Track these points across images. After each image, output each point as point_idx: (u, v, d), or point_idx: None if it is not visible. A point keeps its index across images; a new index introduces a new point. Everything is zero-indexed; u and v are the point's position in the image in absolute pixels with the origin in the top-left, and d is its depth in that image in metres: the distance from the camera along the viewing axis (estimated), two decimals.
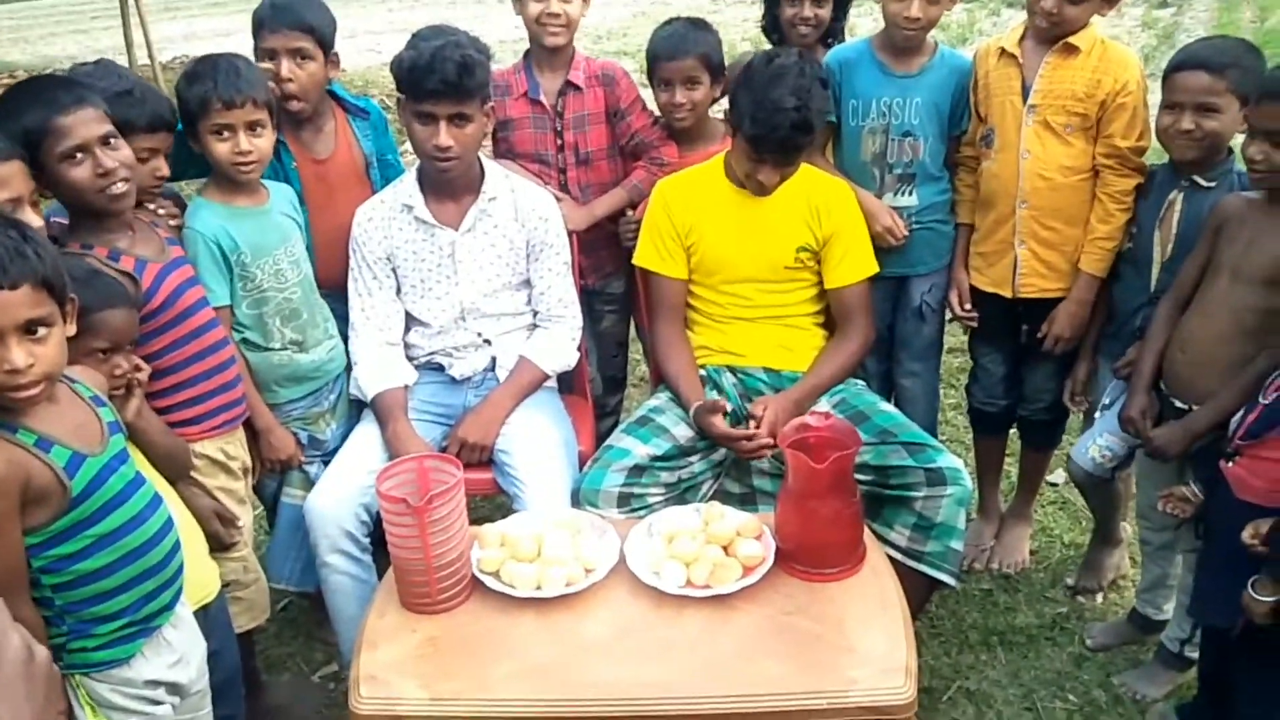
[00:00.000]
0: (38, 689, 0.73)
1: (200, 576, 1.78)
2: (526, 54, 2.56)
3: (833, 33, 2.59)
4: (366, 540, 2.08)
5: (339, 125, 2.35)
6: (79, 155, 1.68)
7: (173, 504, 1.68)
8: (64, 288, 1.37)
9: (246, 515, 2.04)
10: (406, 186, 2.25)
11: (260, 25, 2.19)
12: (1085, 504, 2.76)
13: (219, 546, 1.90)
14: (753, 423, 2.12)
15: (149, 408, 1.74)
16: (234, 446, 2.01)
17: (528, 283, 2.35)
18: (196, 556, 1.76)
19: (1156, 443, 1.99)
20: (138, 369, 1.70)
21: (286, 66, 2.17)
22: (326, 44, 2.24)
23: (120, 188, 1.73)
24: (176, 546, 1.57)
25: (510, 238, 2.28)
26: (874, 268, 2.30)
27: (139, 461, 1.59)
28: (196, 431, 1.91)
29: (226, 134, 1.98)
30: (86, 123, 1.69)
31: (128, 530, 1.47)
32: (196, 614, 1.71)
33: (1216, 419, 1.88)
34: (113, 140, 1.73)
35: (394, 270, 2.28)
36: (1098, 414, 2.32)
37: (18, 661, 0.73)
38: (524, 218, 2.28)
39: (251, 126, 1.99)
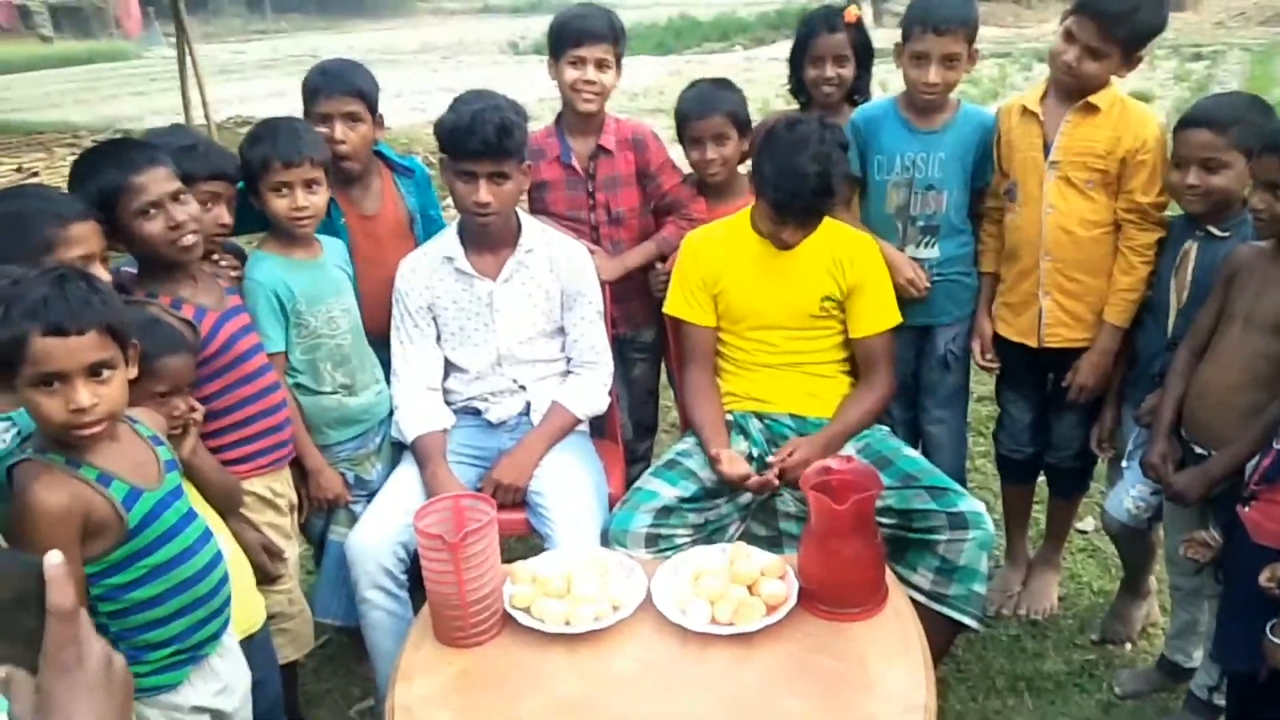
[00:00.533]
0: (116, 691, 0.80)
1: (247, 608, 1.86)
2: (559, 118, 2.68)
3: (858, 90, 2.68)
4: (404, 577, 2.15)
5: (385, 183, 2.48)
6: (152, 211, 1.83)
7: (222, 538, 1.77)
8: (127, 333, 1.48)
9: (292, 550, 2.14)
10: (448, 239, 2.36)
11: (315, 92, 2.34)
12: (1116, 552, 2.77)
13: (265, 579, 1.99)
14: (784, 448, 2.20)
15: (204, 446, 1.85)
16: (281, 484, 2.11)
17: (561, 330, 2.44)
18: (244, 589, 1.85)
19: (1176, 487, 2.02)
20: (193, 410, 1.81)
21: (340, 129, 2.31)
22: (373, 106, 2.38)
23: (190, 239, 1.87)
24: (225, 578, 1.66)
25: (546, 288, 2.37)
26: (897, 318, 2.36)
27: (192, 497, 1.69)
28: (246, 469, 2.02)
29: (285, 191, 2.11)
30: (158, 180, 1.84)
31: (180, 561, 1.56)
32: (242, 644, 1.80)
33: (1233, 464, 1.91)
34: (182, 196, 1.87)
35: (434, 319, 2.39)
36: (1125, 463, 2.35)
37: (99, 667, 0.80)
38: (559, 269, 2.37)
39: (308, 184, 2.12)
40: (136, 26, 26.11)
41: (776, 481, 2.17)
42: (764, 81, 10.61)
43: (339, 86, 2.32)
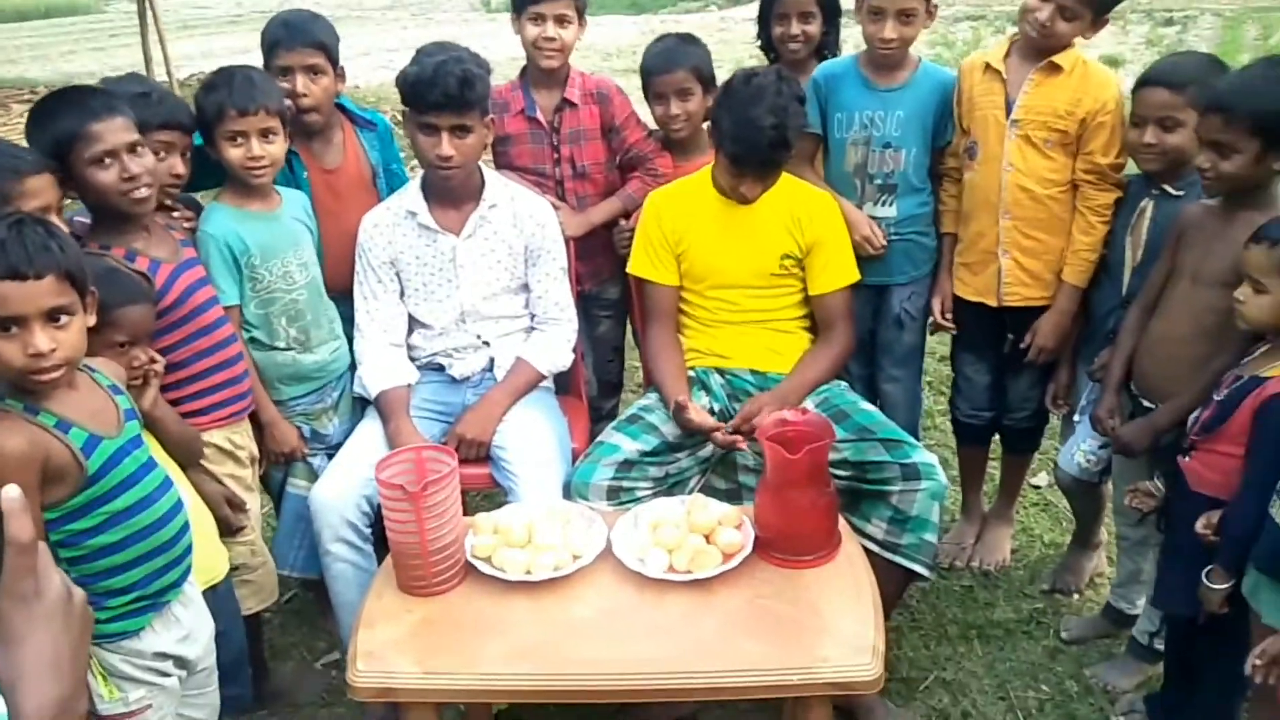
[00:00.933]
0: (74, 624, 0.82)
1: (209, 559, 1.88)
2: (523, 72, 2.68)
3: (826, 46, 2.68)
4: (368, 530, 2.18)
5: (347, 137, 2.47)
6: (107, 160, 1.81)
7: (184, 489, 1.78)
8: (85, 280, 1.48)
9: (254, 503, 2.15)
10: (410, 194, 2.36)
11: (276, 44, 2.31)
12: (1068, 507, 2.84)
13: (227, 531, 2.00)
14: (747, 405, 2.23)
15: (163, 399, 1.85)
16: (241, 436, 2.12)
17: (525, 287, 2.45)
18: (206, 539, 1.86)
19: (1123, 439, 2.08)
20: (153, 361, 1.81)
21: (301, 82, 2.29)
22: (334, 58, 2.37)
23: (143, 192, 1.86)
24: (185, 527, 1.68)
25: (509, 243, 2.38)
26: (855, 276, 2.39)
27: (153, 448, 1.70)
28: (206, 421, 2.02)
29: (240, 140, 2.09)
30: (115, 130, 1.82)
31: (139, 509, 1.57)
32: (205, 594, 1.81)
33: (1177, 416, 1.96)
34: (139, 148, 1.86)
35: (398, 274, 2.39)
36: (1076, 418, 2.40)
37: (59, 599, 0.81)
38: (522, 224, 2.38)
39: (264, 133, 2.10)
40: None
41: (744, 445, 2.19)
42: (739, 41, 10.52)
43: (300, 38, 2.30)
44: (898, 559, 2.13)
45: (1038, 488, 3.03)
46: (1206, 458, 1.80)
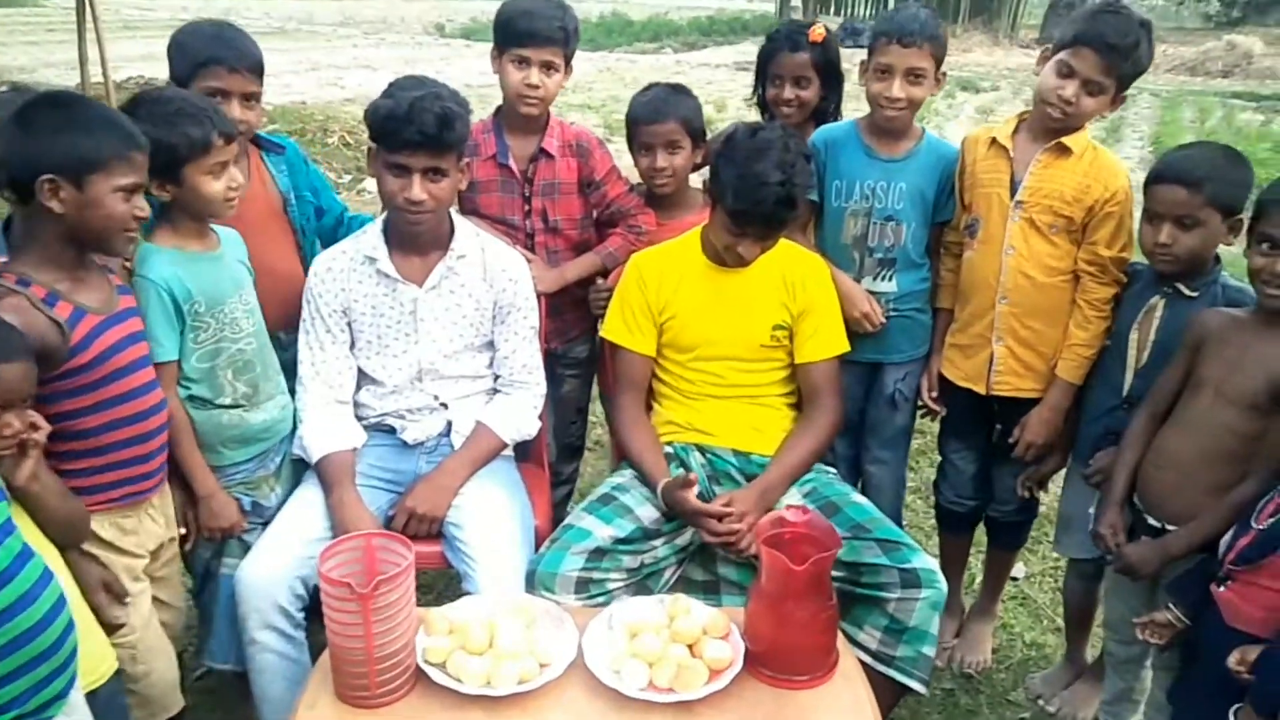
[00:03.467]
0: None
1: (91, 656, 1.58)
2: (497, 112, 2.47)
3: (825, 113, 2.54)
4: (301, 616, 1.92)
5: (253, 164, 2.22)
6: (124, 195, 1.65)
7: (63, 576, 1.51)
8: None
9: (144, 598, 1.83)
10: (370, 238, 2.14)
11: (211, 61, 2.04)
12: (1047, 602, 2.71)
13: (102, 624, 1.69)
14: (719, 500, 2.02)
15: (47, 469, 1.57)
16: (134, 520, 1.81)
17: (491, 344, 2.24)
18: (87, 630, 1.58)
19: (1130, 560, 1.93)
20: (34, 428, 1.51)
21: (239, 109, 2.06)
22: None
23: (137, 237, 1.70)
24: (70, 627, 1.41)
25: (477, 298, 2.17)
26: (845, 346, 2.23)
27: (25, 528, 1.43)
28: (97, 501, 1.72)
29: (220, 170, 1.87)
30: (142, 168, 1.67)
31: (15, 612, 1.32)
32: (88, 699, 1.53)
33: (1195, 541, 1.83)
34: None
35: (349, 324, 2.16)
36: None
37: None
38: (493, 278, 2.17)
39: (236, 160, 1.92)
40: None
41: (743, 545, 1.99)
42: (694, 86, 10.43)
43: (244, 60, 2.07)
44: (891, 672, 1.95)
45: (1015, 579, 2.88)
46: (1246, 590, 1.66)
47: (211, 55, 2.05)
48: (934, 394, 2.44)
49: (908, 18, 2.26)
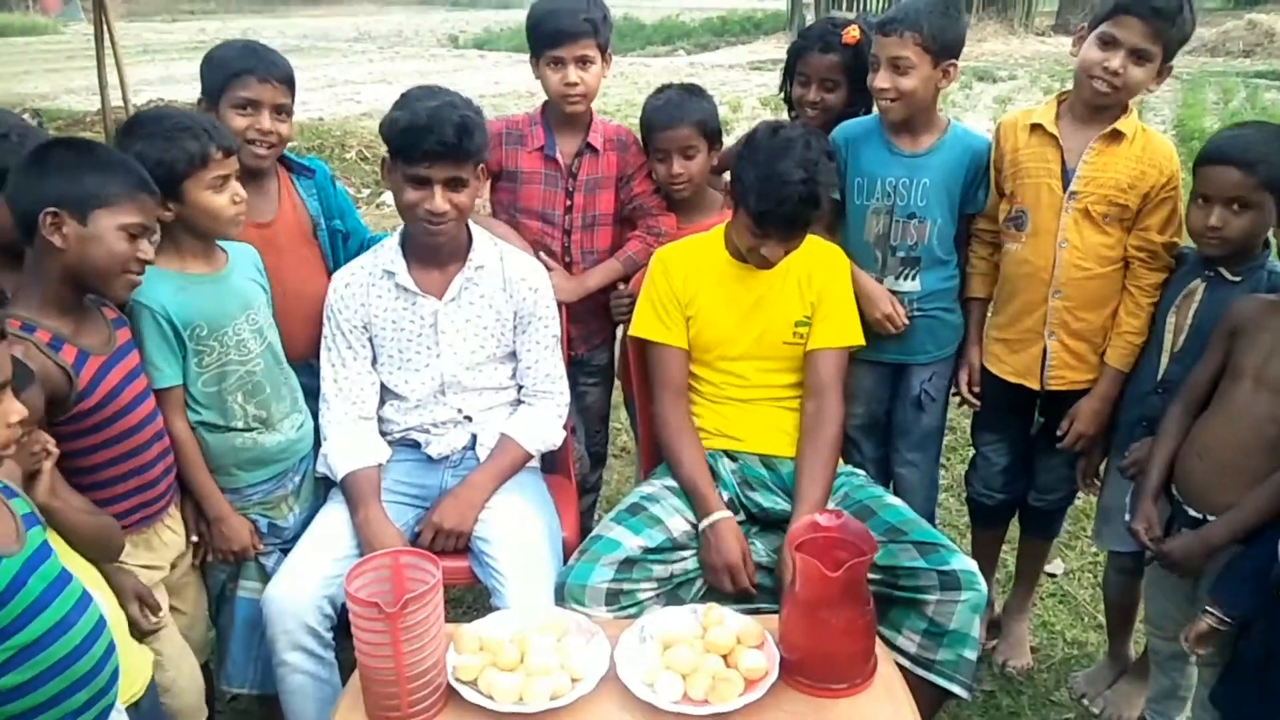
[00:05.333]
0: None
1: (132, 667, 1.57)
2: (545, 107, 2.46)
3: (850, 118, 2.44)
4: (329, 636, 1.90)
5: (283, 185, 2.21)
6: (132, 234, 1.65)
7: (99, 591, 1.51)
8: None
9: (164, 609, 1.82)
10: (388, 252, 2.12)
11: (244, 72, 2.05)
12: (1086, 599, 2.66)
13: (136, 633, 1.70)
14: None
15: (65, 484, 1.57)
16: (150, 536, 1.83)
17: (513, 355, 2.22)
18: (125, 644, 1.57)
19: (1173, 556, 1.87)
20: (44, 446, 1.51)
21: (269, 120, 2.07)
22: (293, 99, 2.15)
23: (139, 278, 1.69)
24: (110, 650, 1.40)
25: (497, 309, 2.15)
26: (858, 339, 2.19)
27: (60, 550, 1.42)
28: None
29: (222, 184, 1.85)
30: (150, 209, 1.68)
31: (53, 638, 1.30)
32: (130, 710, 1.53)
33: (1237, 530, 1.77)
34: (153, 237, 1.69)
35: (370, 340, 2.14)
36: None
37: None
38: (512, 288, 2.15)
39: (238, 178, 1.90)
40: (55, 2, 25.01)
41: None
42: (708, 87, 10.40)
43: (275, 71, 2.07)
44: (932, 676, 1.90)
45: (1053, 576, 2.83)
46: None
47: (243, 66, 2.06)
48: (976, 389, 2.38)
49: (899, 7, 2.20)
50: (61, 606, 1.32)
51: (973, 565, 1.91)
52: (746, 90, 12.07)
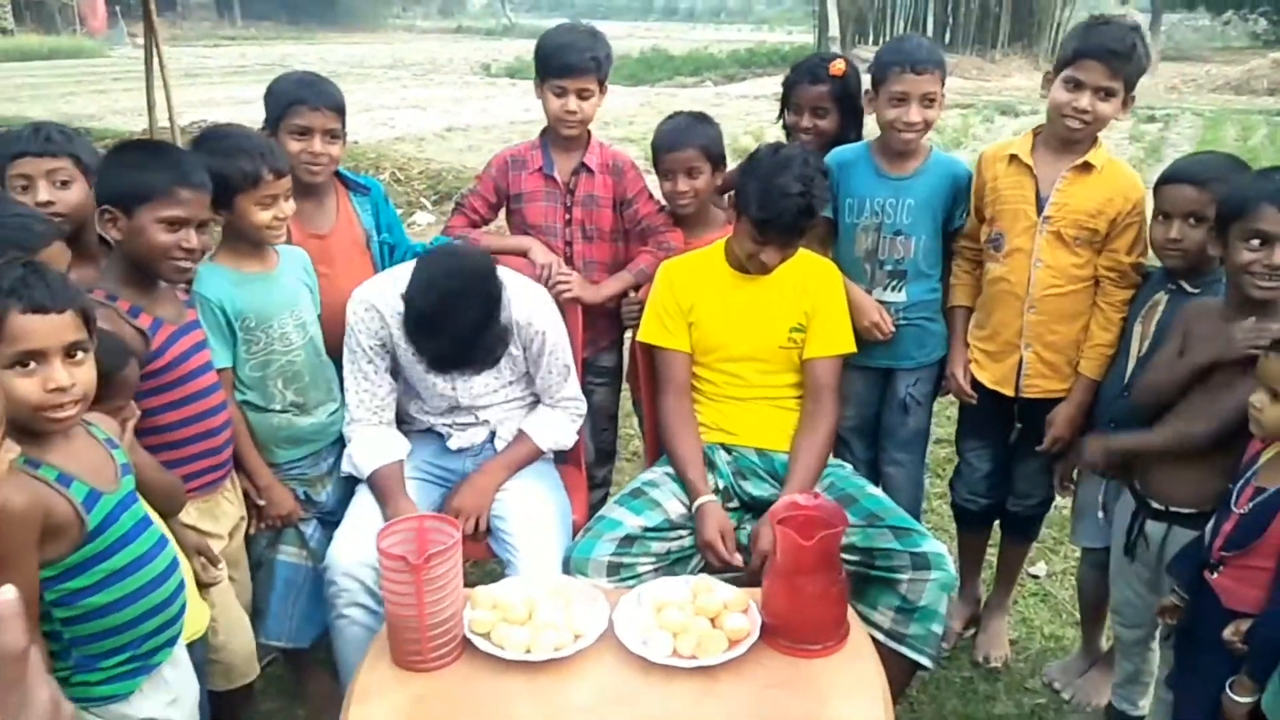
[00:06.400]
0: None
1: (192, 611, 1.78)
2: (544, 131, 2.69)
3: (843, 141, 2.67)
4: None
5: (340, 201, 2.44)
6: (175, 226, 1.84)
7: (172, 544, 1.72)
8: (94, 321, 1.48)
9: (223, 576, 2.03)
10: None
11: (298, 102, 2.28)
12: (1065, 597, 2.81)
13: (197, 584, 1.91)
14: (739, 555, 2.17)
15: (140, 446, 1.79)
16: (214, 508, 2.04)
17: (528, 375, 2.39)
18: (189, 589, 1.78)
19: (1087, 457, 2.19)
20: (128, 409, 1.75)
21: (320, 144, 2.29)
22: (345, 124, 2.39)
23: (188, 265, 1.88)
24: (180, 586, 1.62)
25: (509, 349, 2.28)
26: (850, 347, 2.38)
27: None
28: None
29: (269, 202, 2.07)
30: (196, 204, 1.86)
31: (137, 567, 1.52)
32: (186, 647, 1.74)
33: (1136, 447, 2.07)
34: (206, 226, 1.89)
35: (390, 354, 2.27)
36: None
37: (45, 715, 0.74)
38: (520, 332, 2.27)
39: (287, 195, 2.11)
40: (102, 25, 25.78)
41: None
42: (733, 117, 10.75)
43: (324, 100, 2.30)
44: (903, 649, 2.08)
45: (1036, 577, 3.00)
46: (1240, 574, 1.76)
47: (296, 97, 2.29)
48: (969, 391, 2.51)
49: (915, 46, 2.44)
50: (145, 543, 1.55)
51: (942, 548, 2.09)
52: (770, 120, 12.32)
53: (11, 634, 0.72)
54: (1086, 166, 2.31)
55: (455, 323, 2.03)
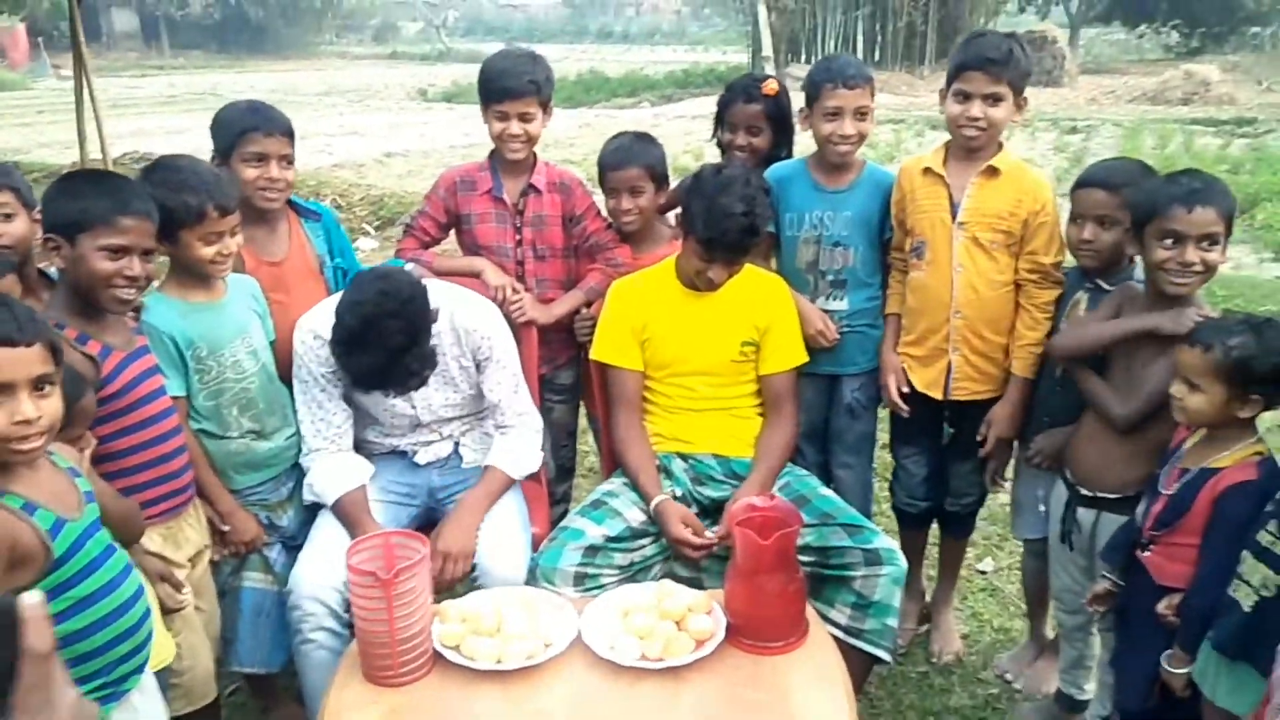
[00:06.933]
0: None
1: (158, 640, 1.79)
2: (492, 154, 2.74)
3: (776, 158, 2.76)
4: (348, 617, 2.09)
5: (292, 227, 2.45)
6: (118, 254, 1.83)
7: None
8: (61, 354, 1.48)
9: (188, 600, 2.02)
10: None
11: (251, 129, 2.29)
12: (1013, 591, 2.92)
13: (165, 609, 1.91)
14: (710, 533, 2.23)
15: (96, 474, 1.79)
16: (175, 531, 2.04)
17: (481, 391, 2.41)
18: (154, 618, 1.78)
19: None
20: (85, 438, 1.76)
21: (276, 169, 2.31)
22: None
23: (129, 295, 1.88)
24: (148, 612, 1.63)
25: (458, 360, 2.32)
26: (803, 358, 2.47)
27: None
28: None
29: (214, 238, 2.07)
30: (141, 232, 1.86)
31: (104, 593, 1.53)
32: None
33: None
34: (149, 256, 1.88)
35: (343, 380, 2.24)
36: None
37: (72, 714, 0.78)
38: (465, 339, 2.31)
39: (234, 231, 2.11)
40: (23, 57, 25.17)
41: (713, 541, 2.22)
42: (672, 136, 10.88)
43: (277, 126, 2.32)
44: (860, 644, 2.16)
45: (984, 573, 3.10)
46: (1169, 550, 1.88)
47: (249, 124, 2.30)
48: (905, 390, 2.57)
49: (845, 64, 2.55)
50: (111, 569, 1.55)
51: (893, 544, 2.18)
52: (708, 139, 12.50)
53: (39, 635, 0.75)
54: (993, 171, 2.42)
55: (379, 343, 2.02)
